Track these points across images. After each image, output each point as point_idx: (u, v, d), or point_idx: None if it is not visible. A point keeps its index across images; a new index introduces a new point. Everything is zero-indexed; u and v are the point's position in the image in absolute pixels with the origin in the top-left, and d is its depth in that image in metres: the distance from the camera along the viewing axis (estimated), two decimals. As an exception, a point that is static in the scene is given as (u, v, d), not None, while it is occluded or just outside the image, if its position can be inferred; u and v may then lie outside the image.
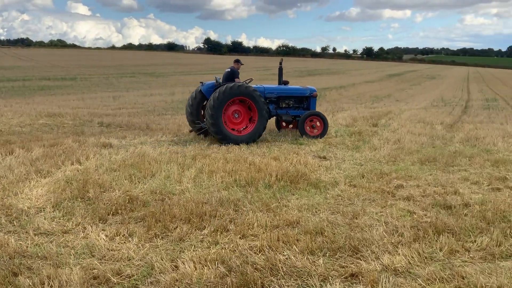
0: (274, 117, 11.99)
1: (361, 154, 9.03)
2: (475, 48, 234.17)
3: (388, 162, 8.32)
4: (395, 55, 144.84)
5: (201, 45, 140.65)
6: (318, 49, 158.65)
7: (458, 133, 11.93)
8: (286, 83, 11.92)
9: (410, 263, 3.99)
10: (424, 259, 4.07)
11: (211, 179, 6.76)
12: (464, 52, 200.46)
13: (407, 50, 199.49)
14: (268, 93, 11.21)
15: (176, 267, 3.89)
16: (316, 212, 5.47)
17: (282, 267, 3.89)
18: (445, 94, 30.30)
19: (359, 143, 10.26)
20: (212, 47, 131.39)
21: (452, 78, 59.58)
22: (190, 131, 11.28)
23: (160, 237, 4.61)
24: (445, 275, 3.74)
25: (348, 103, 22.41)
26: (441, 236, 4.54)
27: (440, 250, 4.27)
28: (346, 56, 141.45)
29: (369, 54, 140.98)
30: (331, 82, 41.25)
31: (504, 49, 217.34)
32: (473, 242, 4.46)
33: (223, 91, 9.88)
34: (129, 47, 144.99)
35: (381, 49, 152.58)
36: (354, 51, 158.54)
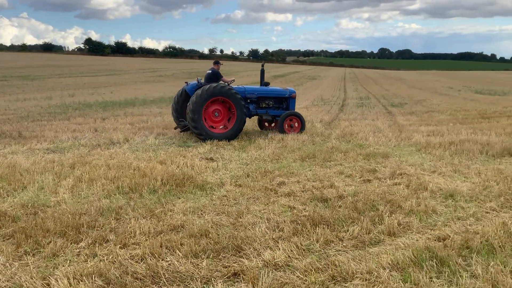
0: (257, 118, 12.82)
1: (247, 154, 9.21)
2: (350, 50, 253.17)
3: (272, 160, 8.59)
4: (279, 57, 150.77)
5: (82, 46, 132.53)
6: (206, 51, 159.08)
7: (335, 130, 12.74)
8: (267, 84, 12.57)
9: (289, 256, 4.16)
10: (302, 252, 4.28)
11: (91, 187, 6.39)
12: (341, 54, 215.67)
13: (290, 52, 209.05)
14: (248, 94, 11.85)
15: (47, 285, 3.60)
16: (201, 214, 5.45)
17: (164, 273, 3.80)
18: (324, 94, 32.23)
19: (246, 143, 10.47)
20: (93, 47, 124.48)
21: (331, 78, 63.64)
22: (175, 128, 11.86)
23: (31, 254, 4.23)
24: (320, 265, 3.96)
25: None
26: (317, 228, 4.81)
27: (317, 241, 4.52)
28: (233, 58, 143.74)
29: (255, 56, 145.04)
30: (219, 84, 41.53)
31: (375, 51, 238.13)
32: (346, 232, 4.79)
33: (205, 90, 10.56)
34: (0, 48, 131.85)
35: (266, 51, 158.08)
36: (241, 53, 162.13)
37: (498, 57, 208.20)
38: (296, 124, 11.92)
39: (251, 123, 13.36)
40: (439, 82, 53.22)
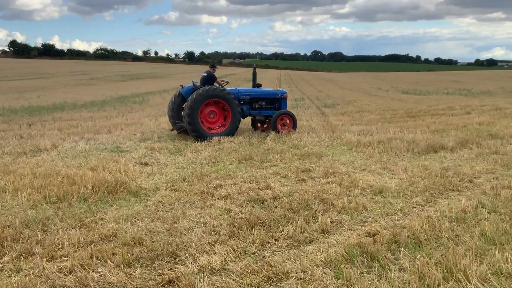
0: (250, 118, 13.33)
1: (183, 157, 9.08)
2: (285, 53, 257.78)
3: (209, 163, 8.53)
4: (215, 59, 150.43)
5: (6, 48, 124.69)
6: (140, 53, 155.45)
7: (271, 131, 12.87)
8: (259, 86, 13.09)
9: (225, 260, 4.13)
10: (238, 254, 4.26)
11: (16, 198, 6.01)
12: (276, 56, 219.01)
13: (226, 55, 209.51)
14: (242, 95, 12.36)
15: (-35, 307, 3.33)
16: (135, 221, 5.29)
17: (95, 285, 3.64)
18: (261, 96, 32.54)
19: (182, 146, 10.32)
20: (19, 50, 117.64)
21: (266, 80, 64.35)
22: (172, 130, 12.27)
23: None
24: (256, 267, 3.97)
25: (171, 107, 22.39)
26: (254, 229, 4.82)
27: (253, 243, 4.52)
28: (169, 60, 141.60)
29: (191, 58, 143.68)
30: (154, 86, 40.74)
31: (309, 53, 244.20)
32: (281, 232, 4.83)
33: (199, 93, 11.03)
34: None
35: (202, 53, 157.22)
36: (176, 55, 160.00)
37: (422, 59, 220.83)
38: (288, 121, 12.47)
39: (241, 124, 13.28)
40: (369, 83, 55.52)
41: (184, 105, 11.33)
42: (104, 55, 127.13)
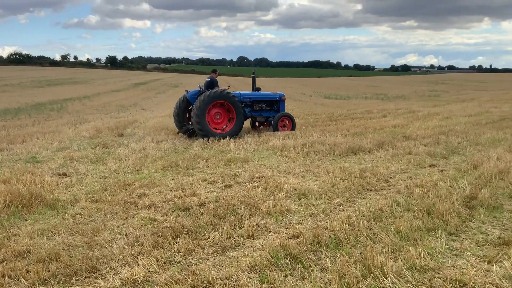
0: (250, 119, 14.16)
1: (105, 166, 8.73)
2: (211, 58, 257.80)
3: (133, 171, 8.28)
4: (140, 64, 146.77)
5: None
6: (58, 57, 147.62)
7: (198, 137, 12.77)
8: (258, 89, 14.15)
9: (149, 271, 4.01)
10: (163, 265, 4.16)
11: None
12: (202, 61, 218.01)
13: (151, 60, 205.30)
14: (243, 98, 13.33)
15: None
16: (51, 236, 4.99)
17: (5, 308, 3.38)
18: (187, 101, 32.22)
19: (104, 155, 9.93)
20: None
21: (193, 86, 63.74)
22: (178, 133, 12.94)
23: None
24: (181, 276, 3.89)
25: (93, 113, 21.55)
26: (179, 238, 4.74)
27: (178, 252, 4.44)
28: (89, 64, 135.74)
29: (113, 63, 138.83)
30: (74, 92, 38.92)
31: (235, 59, 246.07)
32: (207, 239, 4.79)
33: (207, 95, 11.94)
34: None
35: (125, 58, 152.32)
36: (97, 59, 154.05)
37: (343, 65, 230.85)
38: (288, 123, 13.60)
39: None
40: (293, 88, 57.01)
41: (192, 107, 12.25)
42: (19, 60, 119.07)
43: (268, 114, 13.81)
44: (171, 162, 8.85)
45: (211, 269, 4.02)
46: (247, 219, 5.42)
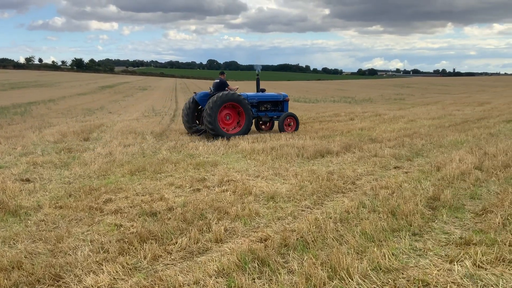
0: (255, 120, 14.57)
1: (70, 171, 8.53)
2: (180, 61, 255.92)
3: (99, 176, 8.12)
4: (107, 66, 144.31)
5: None
6: (22, 60, 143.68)
7: (166, 141, 12.65)
8: (263, 90, 14.84)
9: (114, 278, 3.94)
10: (128, 271, 4.09)
11: None
12: (171, 64, 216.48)
13: (118, 62, 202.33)
14: (250, 99, 13.94)
15: None
16: (13, 244, 4.84)
17: (-39, 320, 3.25)
18: (155, 105, 31.88)
19: (69, 159, 9.70)
20: None
21: (162, 89, 63.30)
22: (188, 133, 13.70)
23: None
24: (147, 282, 3.84)
25: (58, 117, 21.02)
26: (145, 244, 4.68)
27: (144, 258, 4.38)
28: (55, 67, 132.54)
29: (79, 65, 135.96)
30: (39, 96, 37.93)
31: (204, 62, 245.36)
32: (175, 244, 4.75)
33: (219, 97, 12.55)
34: None
35: (92, 60, 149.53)
36: (63, 62, 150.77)
37: (311, 68, 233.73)
38: (292, 123, 14.35)
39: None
40: (263, 91, 57.17)
41: (204, 108, 12.83)
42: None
43: (273, 114, 14.62)
44: (138, 167, 8.73)
45: (178, 275, 3.99)
46: (215, 223, 5.40)
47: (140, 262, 4.32)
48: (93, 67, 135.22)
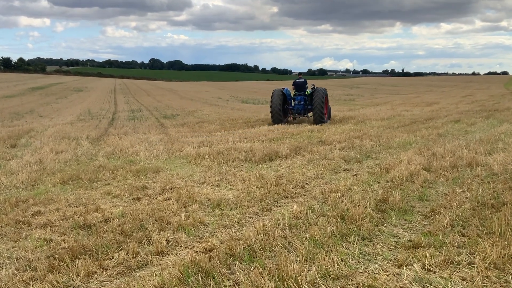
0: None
1: (-6, 182, 8.08)
2: (119, 60, 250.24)
3: (27, 187, 7.77)
4: (38, 66, 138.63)
5: None
6: None
7: (104, 146, 12.30)
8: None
9: (43, 299, 3.75)
10: (59, 291, 3.92)
11: None
12: (110, 64, 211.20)
13: (51, 62, 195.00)
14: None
15: None
16: None
17: None
18: (92, 107, 30.99)
19: (-7, 169, 9.19)
20: None
21: (99, 90, 61.62)
22: (282, 123, 18.00)
23: None
24: (80, 302, 3.69)
25: (-19, 122, 19.93)
26: (78, 260, 4.49)
27: (77, 275, 4.20)
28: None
29: (7, 65, 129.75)
30: (-42, 98, 35.80)
31: (146, 61, 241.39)
32: (111, 259, 4.59)
33: (323, 92, 17.97)
34: None
35: (21, 59, 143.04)
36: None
37: (260, 68, 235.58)
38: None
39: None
40: (209, 92, 57.09)
41: (316, 101, 17.55)
42: None
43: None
44: (72, 175, 8.42)
45: (115, 292, 3.85)
46: (157, 234, 5.28)
47: (72, 280, 4.14)
48: (23, 66, 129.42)
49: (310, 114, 18.68)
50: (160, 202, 6.71)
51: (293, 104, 18.78)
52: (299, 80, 18.97)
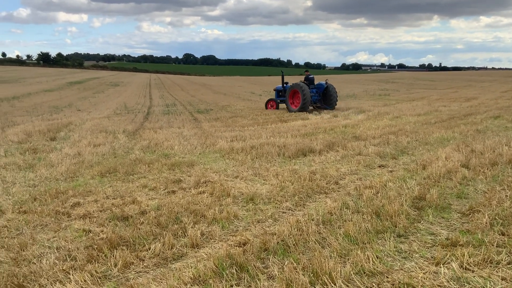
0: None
1: (35, 173, 8.38)
2: (154, 55, 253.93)
3: (66, 179, 8.00)
4: (76, 61, 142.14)
5: None
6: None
7: (139, 140, 12.53)
8: (287, 83, 23.65)
9: (82, 287, 3.88)
10: (98, 280, 4.03)
11: None
12: (145, 59, 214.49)
13: (88, 57, 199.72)
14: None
15: None
16: (-28, 252, 4.71)
17: None
18: (128, 101, 31.58)
19: (34, 161, 9.53)
20: None
21: (135, 85, 62.74)
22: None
23: None
24: (117, 291, 3.79)
25: (23, 115, 20.64)
26: (116, 250, 4.61)
27: (115, 265, 4.32)
28: (19, 62, 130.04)
29: (46, 60, 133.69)
30: (1, 93, 37.17)
31: (180, 56, 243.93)
32: (147, 250, 4.70)
33: (334, 87, 22.70)
34: None
35: (60, 54, 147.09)
36: (29, 56, 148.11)
37: (293, 63, 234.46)
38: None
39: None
40: (242, 87, 57.23)
41: (332, 93, 22.26)
42: None
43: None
44: (109, 168, 8.62)
45: (151, 283, 3.94)
46: (191, 227, 5.36)
47: (110, 270, 4.26)
48: (61, 61, 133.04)
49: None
50: (195, 196, 6.80)
51: None
52: (310, 76, 22.91)
